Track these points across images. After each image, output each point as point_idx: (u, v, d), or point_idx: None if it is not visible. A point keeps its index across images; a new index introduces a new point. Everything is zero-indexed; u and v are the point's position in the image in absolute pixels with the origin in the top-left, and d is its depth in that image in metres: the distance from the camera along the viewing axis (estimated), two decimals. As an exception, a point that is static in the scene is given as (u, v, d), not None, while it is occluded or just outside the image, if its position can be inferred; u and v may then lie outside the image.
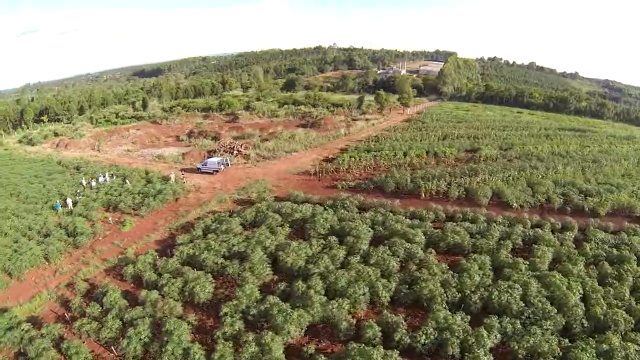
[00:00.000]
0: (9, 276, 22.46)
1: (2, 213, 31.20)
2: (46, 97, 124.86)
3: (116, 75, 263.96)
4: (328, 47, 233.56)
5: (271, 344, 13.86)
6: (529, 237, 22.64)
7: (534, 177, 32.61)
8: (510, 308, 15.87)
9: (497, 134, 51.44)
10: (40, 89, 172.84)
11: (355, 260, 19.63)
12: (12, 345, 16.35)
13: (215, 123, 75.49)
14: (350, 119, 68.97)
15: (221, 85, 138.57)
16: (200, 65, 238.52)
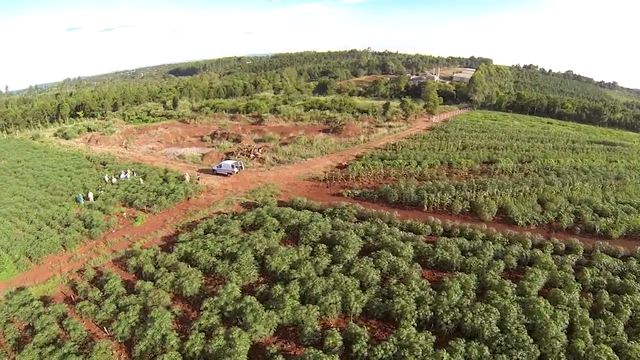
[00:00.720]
0: (29, 260, 26.34)
1: (31, 202, 36.10)
2: (83, 92, 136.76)
3: (153, 72, 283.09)
4: (362, 51, 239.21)
5: (237, 339, 15.83)
6: (525, 257, 22.82)
7: (546, 193, 32.44)
8: (482, 333, 16.04)
9: (520, 146, 51.26)
10: (79, 84, 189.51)
11: (337, 269, 21.13)
12: (23, 319, 19.62)
13: (240, 125, 79.68)
14: (374, 126, 70.18)
15: (253, 86, 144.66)
16: (235, 65, 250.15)
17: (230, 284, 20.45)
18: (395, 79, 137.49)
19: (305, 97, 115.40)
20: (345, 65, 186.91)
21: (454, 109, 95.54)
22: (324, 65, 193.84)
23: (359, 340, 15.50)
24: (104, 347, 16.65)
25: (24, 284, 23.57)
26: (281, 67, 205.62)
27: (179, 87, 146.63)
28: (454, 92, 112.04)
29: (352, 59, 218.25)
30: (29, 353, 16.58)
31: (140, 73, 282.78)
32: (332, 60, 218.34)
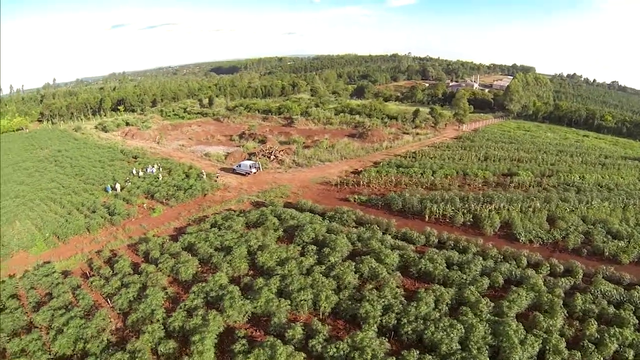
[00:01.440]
0: (57, 239, 31.31)
1: (65, 189, 42.04)
2: (125, 87, 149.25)
3: (195, 70, 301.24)
4: (403, 56, 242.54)
5: (212, 320, 18.76)
6: (515, 277, 23.15)
7: (558, 210, 32.44)
8: (440, 347, 16.85)
9: (545, 159, 51.20)
10: (123, 79, 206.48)
11: (319, 270, 23.46)
12: (45, 287, 24.03)
13: (269, 126, 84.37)
14: (401, 132, 71.49)
15: (291, 87, 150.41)
16: (276, 65, 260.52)
17: (220, 273, 23.58)
18: (433, 85, 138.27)
19: (341, 100, 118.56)
20: (385, 69, 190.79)
21: (489, 117, 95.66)
22: (364, 68, 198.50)
23: (316, 336, 17.65)
24: (103, 314, 20.34)
25: (50, 259, 28.33)
26: (322, 69, 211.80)
27: (218, 85, 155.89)
28: (492, 100, 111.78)
29: (392, 63, 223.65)
30: (44, 313, 20.66)
31: (182, 70, 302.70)
32: (372, 64, 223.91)
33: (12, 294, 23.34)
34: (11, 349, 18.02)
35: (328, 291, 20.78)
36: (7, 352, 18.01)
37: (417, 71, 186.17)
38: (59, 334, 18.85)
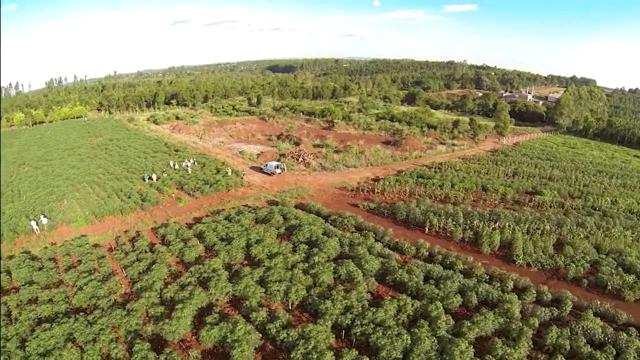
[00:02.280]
0: (95, 217, 38.23)
1: (109, 176, 49.91)
2: (181, 81, 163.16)
3: (252, 67, 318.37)
4: (459, 63, 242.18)
5: (197, 295, 23.32)
6: (492, 299, 23.90)
7: (571, 236, 32.82)
8: (380, 353, 18.68)
9: (580, 178, 50.86)
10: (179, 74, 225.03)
11: (302, 267, 26.94)
12: (77, 255, 30.39)
13: (311, 128, 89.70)
14: (438, 142, 72.92)
15: (342, 89, 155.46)
16: (332, 67, 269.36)
17: (216, 259, 28.28)
18: (485, 95, 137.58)
19: (390, 106, 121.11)
20: (439, 76, 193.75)
21: (536, 131, 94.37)
22: (419, 74, 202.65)
23: (275, 322, 20.95)
24: (116, 280, 25.90)
25: (86, 233, 35.06)
26: (377, 72, 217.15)
27: (271, 85, 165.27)
28: (544, 113, 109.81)
29: (447, 70, 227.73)
30: (71, 274, 26.71)
31: (240, 67, 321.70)
32: (427, 70, 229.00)
33: (51, 257, 29.98)
34: (42, 298, 24.04)
35: (300, 286, 24.27)
36: (39, 300, 24.02)
37: (472, 80, 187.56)
38: (79, 291, 24.59)
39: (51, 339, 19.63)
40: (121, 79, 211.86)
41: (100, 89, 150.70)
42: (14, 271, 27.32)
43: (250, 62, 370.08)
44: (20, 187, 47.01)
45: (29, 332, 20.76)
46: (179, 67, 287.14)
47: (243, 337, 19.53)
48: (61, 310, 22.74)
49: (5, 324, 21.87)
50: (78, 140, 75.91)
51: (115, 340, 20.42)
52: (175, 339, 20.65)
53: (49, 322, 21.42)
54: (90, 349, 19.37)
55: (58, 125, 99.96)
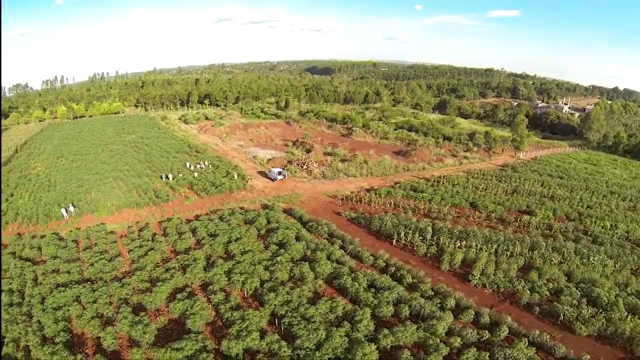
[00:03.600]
0: (114, 209, 47.12)
1: (133, 172, 59.27)
2: (217, 80, 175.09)
3: (292, 67, 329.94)
4: (496, 71, 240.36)
5: (175, 277, 30.86)
6: (423, 314, 27.13)
7: (541, 261, 34.88)
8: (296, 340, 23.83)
9: (585, 199, 53.19)
10: (217, 72, 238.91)
11: (265, 264, 33.26)
12: (94, 239, 39.06)
13: (330, 134, 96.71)
14: (450, 155, 77.20)
15: (375, 95, 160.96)
16: (369, 70, 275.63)
17: (200, 251, 35.74)
18: (518, 105, 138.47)
19: (418, 114, 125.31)
20: (476, 84, 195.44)
21: (563, 145, 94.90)
22: (456, 81, 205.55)
23: (226, 304, 27.70)
24: (120, 261, 34.08)
25: (105, 222, 43.94)
26: (414, 78, 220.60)
27: (306, 85, 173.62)
28: (577, 126, 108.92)
29: (485, 78, 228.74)
30: (87, 253, 35.30)
31: (279, 66, 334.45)
32: (465, 77, 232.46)
33: (74, 239, 38.96)
34: (62, 269, 32.58)
35: (257, 279, 30.98)
36: (59, 270, 32.54)
37: (508, 89, 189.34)
38: (90, 266, 32.97)
39: (63, 298, 27.91)
40: (162, 74, 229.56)
41: (140, 85, 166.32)
42: (44, 247, 36.50)
43: (289, 62, 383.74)
44: (56, 178, 57.73)
45: (48, 292, 29.09)
46: (219, 65, 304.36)
47: (198, 311, 26.67)
48: (74, 279, 31.14)
49: (32, 285, 30.57)
50: (112, 137, 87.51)
51: (109, 303, 28.29)
52: (152, 308, 28.19)
53: (63, 287, 29.73)
54: (90, 307, 27.32)
55: (97, 120, 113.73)
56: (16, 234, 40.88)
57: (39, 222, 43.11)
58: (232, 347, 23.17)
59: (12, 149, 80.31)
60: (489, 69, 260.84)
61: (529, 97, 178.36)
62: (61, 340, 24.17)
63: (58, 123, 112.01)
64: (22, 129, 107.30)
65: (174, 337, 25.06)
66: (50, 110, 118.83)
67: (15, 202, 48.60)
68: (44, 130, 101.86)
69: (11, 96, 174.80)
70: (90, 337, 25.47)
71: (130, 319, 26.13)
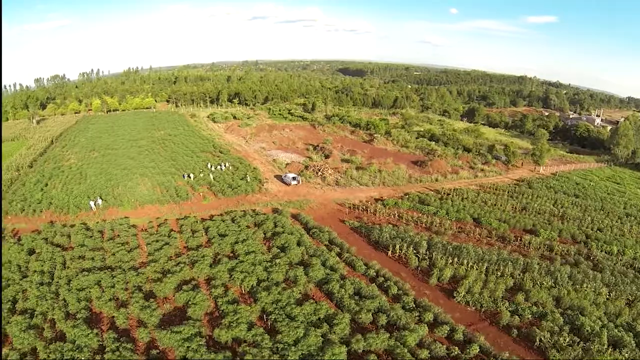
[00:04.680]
0: (138, 204, 52.85)
1: (157, 170, 65.24)
2: (251, 77, 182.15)
3: (325, 67, 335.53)
4: (529, 79, 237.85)
5: (184, 271, 35.66)
6: (399, 324, 29.45)
7: (530, 284, 36.04)
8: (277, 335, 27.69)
9: (597, 221, 53.30)
10: (249, 70, 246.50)
11: (265, 265, 37.47)
12: (117, 230, 44.64)
13: (352, 140, 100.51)
14: (468, 167, 79.18)
15: (404, 100, 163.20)
16: (401, 74, 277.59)
17: (209, 249, 40.44)
18: (547, 115, 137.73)
19: (444, 121, 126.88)
20: (507, 92, 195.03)
21: (589, 161, 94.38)
22: (487, 88, 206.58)
23: (223, 297, 32.21)
24: (140, 252, 39.38)
25: (129, 216, 49.67)
26: (446, 83, 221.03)
27: (337, 87, 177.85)
28: (606, 140, 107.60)
29: (517, 85, 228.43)
30: (110, 243, 40.87)
31: (312, 65, 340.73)
32: (497, 84, 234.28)
33: (100, 230, 44.80)
34: (87, 256, 38.14)
35: (254, 278, 35.29)
36: (85, 257, 38.09)
37: (539, 98, 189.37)
38: (112, 256, 38.39)
39: (86, 281, 33.35)
40: (195, 69, 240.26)
41: (173, 80, 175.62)
42: (72, 236, 42.50)
43: (323, 61, 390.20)
44: (87, 171, 64.72)
45: (74, 275, 34.57)
46: (252, 62, 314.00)
47: (199, 302, 31.28)
48: (97, 266, 36.61)
49: (61, 268, 36.41)
50: (142, 132, 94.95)
51: (125, 289, 33.41)
52: (161, 296, 33.07)
53: (87, 272, 35.17)
54: (108, 291, 32.53)
55: (129, 115, 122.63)
56: (49, 222, 47.30)
57: (70, 212, 49.47)
58: (222, 335, 27.59)
59: (48, 140, 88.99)
60: (521, 77, 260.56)
61: (561, 108, 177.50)
62: (82, 316, 29.38)
63: (92, 116, 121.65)
64: (58, 120, 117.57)
65: (175, 322, 29.66)
66: (86, 102, 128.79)
67: (49, 192, 55.63)
68: (78, 122, 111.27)
69: (49, 87, 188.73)
70: (106, 316, 30.60)
71: (141, 303, 31.06)
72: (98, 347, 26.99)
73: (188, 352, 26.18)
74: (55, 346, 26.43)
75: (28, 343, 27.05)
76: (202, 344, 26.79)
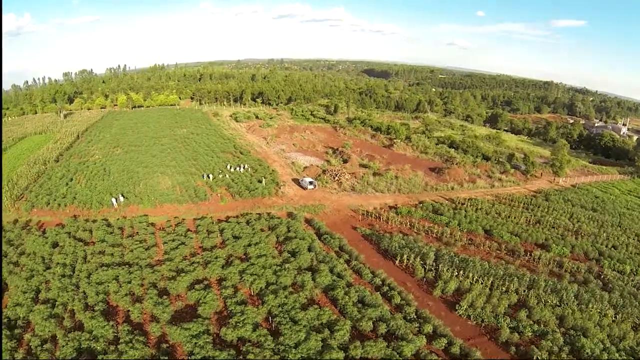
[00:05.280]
0: (157, 203, 55.72)
1: (178, 169, 68.21)
2: (276, 76, 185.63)
3: (350, 67, 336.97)
4: (555, 85, 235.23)
5: (197, 270, 37.93)
6: (398, 334, 30.63)
7: (534, 301, 36.32)
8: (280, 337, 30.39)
9: (613, 237, 52.66)
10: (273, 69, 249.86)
11: (274, 269, 39.31)
12: (137, 228, 47.45)
13: (372, 144, 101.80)
14: (486, 175, 79.16)
15: (427, 103, 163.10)
16: (426, 77, 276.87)
17: (223, 250, 42.65)
18: (572, 123, 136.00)
19: (467, 127, 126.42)
20: (532, 98, 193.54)
21: (612, 172, 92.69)
22: (512, 93, 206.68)
23: (233, 298, 34.31)
24: (156, 251, 41.93)
25: (148, 214, 52.56)
26: (471, 87, 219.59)
27: (361, 88, 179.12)
28: (632, 149, 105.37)
29: (543, 91, 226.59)
30: (129, 240, 43.66)
31: (338, 65, 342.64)
32: (522, 89, 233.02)
33: (120, 227, 47.74)
34: (107, 252, 40.94)
35: (263, 281, 37.13)
36: (105, 252, 40.89)
37: (565, 105, 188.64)
38: (130, 252, 41.07)
39: (105, 276, 36.10)
40: (221, 66, 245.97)
41: (198, 78, 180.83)
42: (94, 231, 45.65)
43: (349, 61, 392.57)
44: (110, 167, 68.52)
45: (94, 270, 37.35)
46: (278, 60, 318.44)
47: (210, 301, 33.42)
48: (116, 262, 39.37)
49: (82, 262, 39.34)
50: (165, 130, 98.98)
51: (141, 285, 35.92)
52: (174, 293, 35.41)
53: (106, 267, 37.89)
54: (125, 286, 35.12)
55: (153, 111, 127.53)
56: (72, 216, 50.80)
57: (92, 207, 52.91)
58: (228, 334, 29.58)
59: (74, 134, 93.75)
60: (547, 82, 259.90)
61: (587, 115, 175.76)
62: (99, 309, 32.05)
63: (117, 112, 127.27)
64: (85, 115, 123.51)
65: (186, 319, 31.86)
66: (112, 98, 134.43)
67: (73, 186, 59.36)
68: (104, 118, 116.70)
69: (77, 81, 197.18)
70: (122, 309, 33.18)
71: (154, 299, 33.45)
72: (113, 338, 29.49)
73: (195, 348, 28.28)
74: (74, 335, 29.07)
75: (49, 330, 29.84)
76: (208, 341, 28.86)
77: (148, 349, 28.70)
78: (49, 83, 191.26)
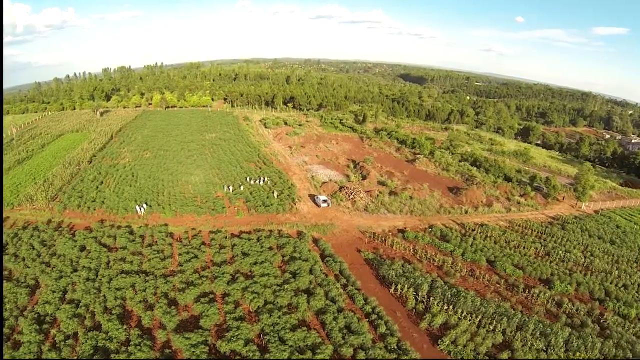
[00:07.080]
0: (177, 213, 62.35)
1: (201, 178, 74.98)
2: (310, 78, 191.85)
3: (387, 70, 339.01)
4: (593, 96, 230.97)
5: (204, 284, 43.83)
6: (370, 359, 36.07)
7: (519, 344, 37.02)
8: (267, 353, 37.00)
9: (628, 276, 52.30)
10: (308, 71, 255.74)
11: (275, 288, 44.49)
12: (156, 237, 54.09)
13: (395, 158, 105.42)
14: (504, 198, 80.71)
15: (459, 113, 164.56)
16: (462, 83, 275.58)
17: (231, 266, 48.39)
18: (606, 139, 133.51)
19: (495, 140, 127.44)
20: (568, 110, 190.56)
21: None
22: (547, 104, 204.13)
23: (233, 313, 39.83)
24: (171, 262, 48.28)
25: (168, 224, 59.23)
26: (506, 96, 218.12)
27: (393, 96, 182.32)
28: None
29: (580, 102, 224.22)
30: (148, 249, 50.31)
31: (374, 68, 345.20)
32: (559, 100, 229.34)
33: (141, 235, 54.61)
34: (127, 259, 47.66)
35: (261, 299, 42.46)
36: (126, 260, 47.53)
37: (601, 118, 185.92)
38: (148, 261, 47.65)
39: (123, 282, 42.81)
40: (257, 64, 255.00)
41: (233, 77, 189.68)
42: (117, 238, 52.71)
43: (386, 64, 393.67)
44: (138, 172, 76.21)
45: (115, 275, 44.10)
46: (315, 60, 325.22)
47: (212, 314, 39.23)
48: (134, 270, 46.02)
49: (105, 267, 46.18)
50: (194, 134, 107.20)
51: (154, 294, 42.23)
52: (182, 304, 41.50)
53: (125, 274, 44.54)
54: (140, 294, 41.58)
55: (185, 113, 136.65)
56: (100, 220, 58.21)
57: (118, 213, 60.41)
58: (222, 346, 35.23)
59: (108, 134, 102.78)
60: (585, 93, 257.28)
61: (624, 131, 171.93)
62: (116, 312, 38.59)
63: (151, 111, 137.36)
64: (120, 114, 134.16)
65: (189, 329, 37.79)
66: (147, 97, 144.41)
67: (103, 190, 67.03)
68: (137, 118, 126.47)
69: (115, 77, 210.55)
70: (135, 314, 39.60)
71: (164, 308, 39.64)
72: (125, 339, 35.80)
73: (192, 355, 34.09)
74: (93, 334, 35.65)
75: (72, 328, 36.53)
76: (204, 351, 34.58)
77: (153, 353, 34.74)
78: (88, 78, 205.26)
